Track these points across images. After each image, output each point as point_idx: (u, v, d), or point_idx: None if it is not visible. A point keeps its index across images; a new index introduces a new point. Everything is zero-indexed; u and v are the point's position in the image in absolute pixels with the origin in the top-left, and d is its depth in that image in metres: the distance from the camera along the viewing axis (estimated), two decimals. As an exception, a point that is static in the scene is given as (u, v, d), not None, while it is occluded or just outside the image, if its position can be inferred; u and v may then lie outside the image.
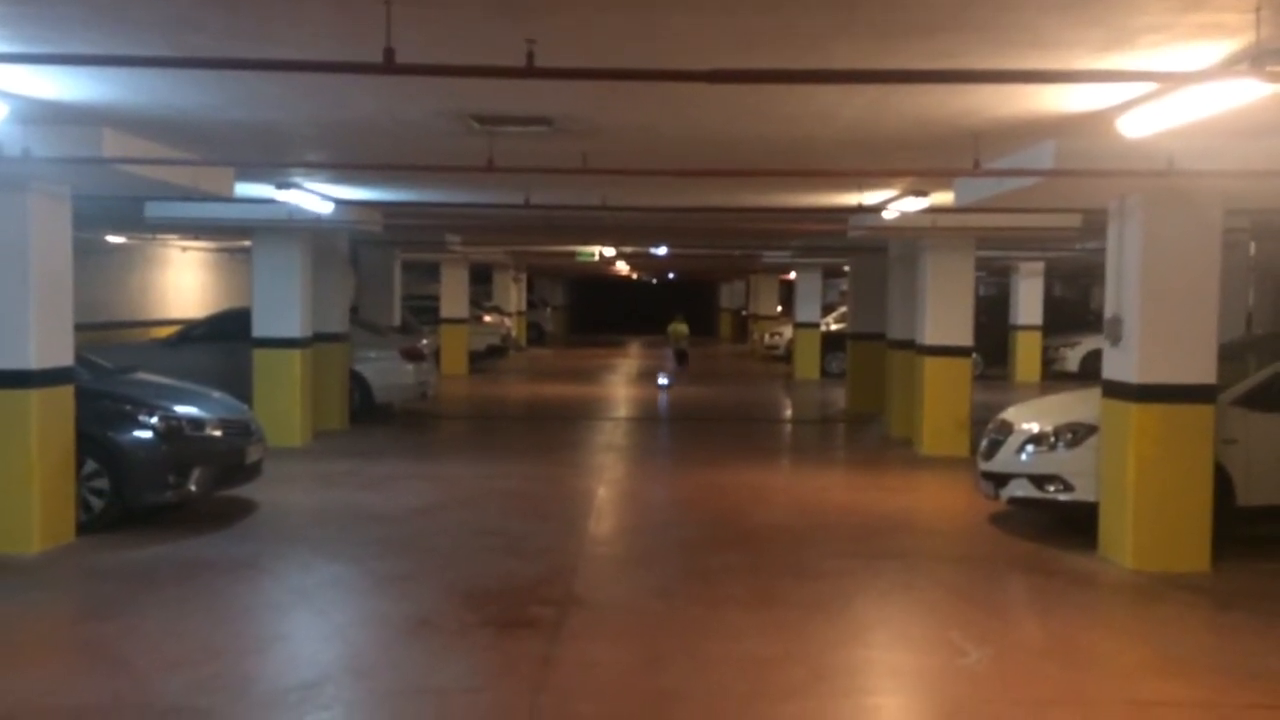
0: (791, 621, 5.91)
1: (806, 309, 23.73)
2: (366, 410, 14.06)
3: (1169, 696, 4.89)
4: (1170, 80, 4.30)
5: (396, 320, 17.87)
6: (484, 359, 24.78)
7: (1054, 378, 20.78)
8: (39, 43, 4.33)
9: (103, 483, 7.63)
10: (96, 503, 7.62)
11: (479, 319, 25.38)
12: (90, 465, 7.57)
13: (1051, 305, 23.31)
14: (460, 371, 22.19)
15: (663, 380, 19.48)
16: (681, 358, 23.41)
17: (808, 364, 23.02)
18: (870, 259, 15.98)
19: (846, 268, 18.28)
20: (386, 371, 14.43)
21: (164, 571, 6.73)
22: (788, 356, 24.93)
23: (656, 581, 6.92)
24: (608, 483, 10.36)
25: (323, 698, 4.75)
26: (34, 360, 7.00)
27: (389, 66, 3.51)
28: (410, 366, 14.61)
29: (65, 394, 7.33)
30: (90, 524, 7.53)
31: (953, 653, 5.48)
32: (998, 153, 6.68)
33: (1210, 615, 6.25)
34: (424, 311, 22.03)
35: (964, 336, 12.51)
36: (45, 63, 4.57)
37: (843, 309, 22.13)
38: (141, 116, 6.09)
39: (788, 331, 26.35)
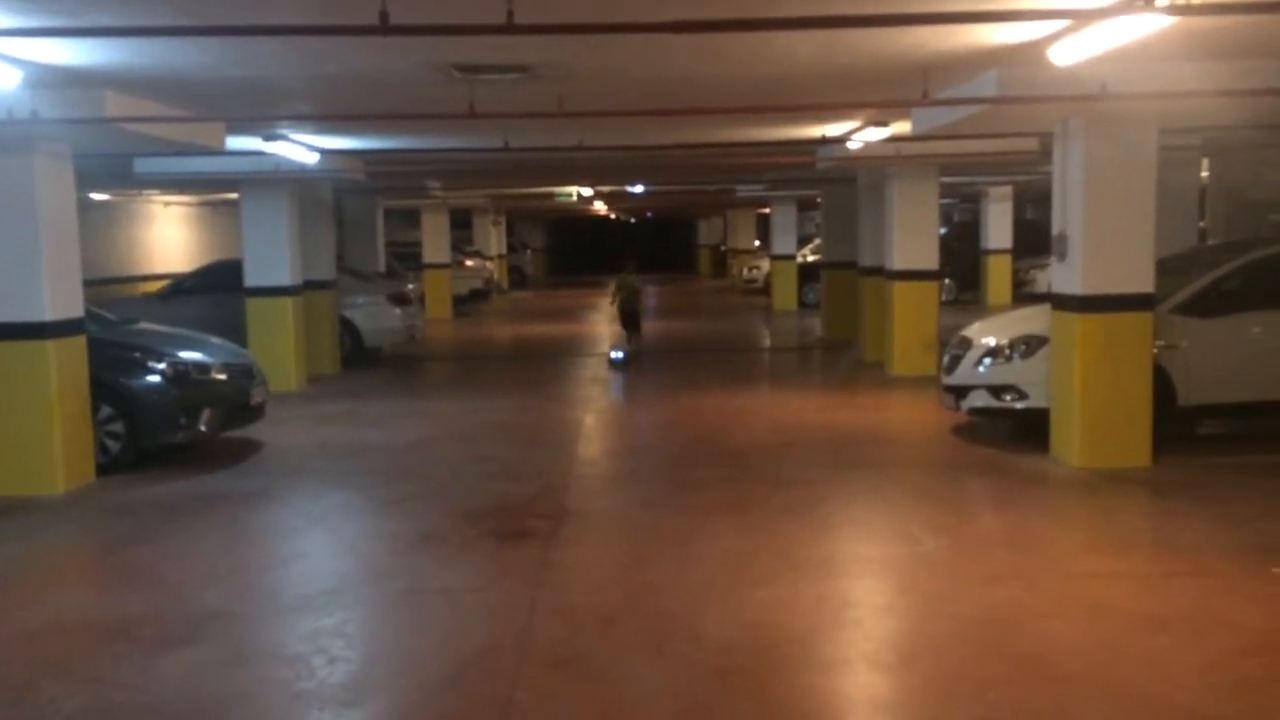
0: (766, 523, 6.47)
1: (782, 241, 24.31)
2: (357, 354, 14.53)
3: (1101, 569, 5.49)
4: (1077, 16, 4.74)
5: (381, 267, 18.26)
6: (467, 302, 25.21)
7: (1025, 300, 21.36)
8: (48, 15, 4.69)
9: (118, 426, 8.09)
10: (113, 445, 8.09)
11: (460, 264, 25.74)
12: (105, 410, 8.02)
13: (1023, 229, 23.80)
14: (445, 315, 22.62)
15: (616, 355, 14.36)
16: (631, 322, 15.93)
17: (785, 295, 23.62)
18: (841, 189, 16.44)
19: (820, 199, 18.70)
20: (375, 316, 14.87)
21: (184, 504, 7.24)
22: (766, 289, 25.47)
23: (642, 495, 7.49)
24: (594, 412, 10.89)
25: (344, 600, 5.29)
26: (49, 312, 7.42)
27: (384, 28, 3.91)
28: (398, 311, 15.06)
29: (79, 344, 7.76)
30: (109, 465, 8.00)
31: (910, 543, 6.07)
32: (947, 83, 7.12)
33: (1147, 503, 6.86)
34: (407, 258, 22.39)
35: (930, 261, 13.04)
36: (54, 35, 4.94)
37: (819, 241, 22.58)
38: (141, 77, 6.46)
39: (765, 265, 26.85)
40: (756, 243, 32.64)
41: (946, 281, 23.69)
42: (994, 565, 5.64)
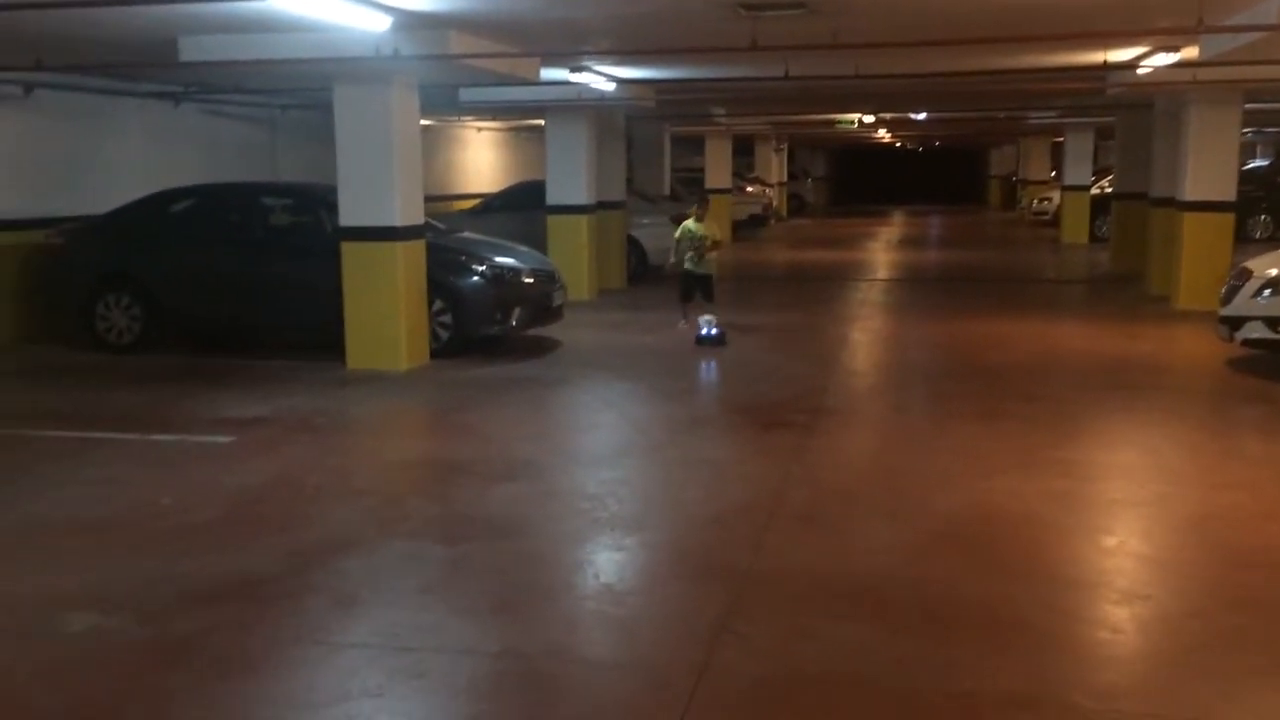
0: (1010, 429, 6.95)
1: (1076, 171, 23.34)
2: (641, 271, 15.76)
3: (1337, 486, 5.65)
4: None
5: (667, 190, 19.40)
6: (746, 228, 26.04)
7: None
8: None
9: (447, 318, 9.58)
10: (443, 334, 9.59)
11: (741, 189, 26.58)
12: (438, 304, 9.52)
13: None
14: (724, 239, 23.53)
15: (706, 330, 9.99)
16: (695, 288, 10.91)
17: (1076, 228, 22.72)
18: (1136, 117, 15.80)
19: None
20: (659, 236, 16.00)
21: (500, 383, 8.59)
22: (1056, 221, 24.60)
23: (896, 400, 8.13)
24: (860, 329, 11.49)
25: (629, 461, 6.36)
26: (398, 218, 8.92)
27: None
28: (680, 231, 16.11)
29: (419, 246, 9.26)
30: (439, 351, 9.50)
31: (1149, 453, 6.40)
32: (1229, 10, 7.09)
33: None
34: (691, 184, 23.51)
35: (1226, 192, 12.51)
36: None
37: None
38: (479, 19, 7.65)
39: (1056, 196, 25.88)
40: (1052, 173, 31.28)
41: (1263, 217, 22.07)
42: (1228, 475, 5.90)
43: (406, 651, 3.87)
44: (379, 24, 7.09)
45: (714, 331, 10.00)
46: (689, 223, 10.93)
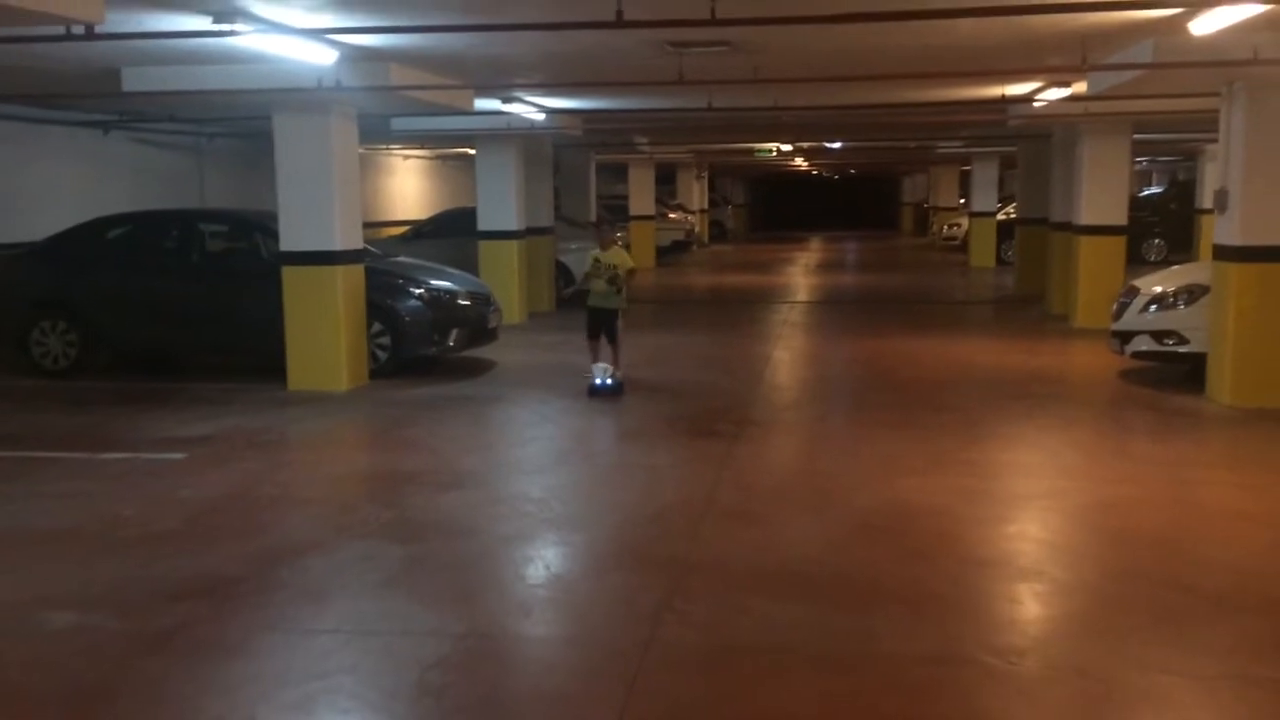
0: (923, 435, 7.49)
1: (982, 198, 24.45)
2: (570, 295, 16.15)
3: (1210, 479, 6.29)
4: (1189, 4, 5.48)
5: (593, 216, 19.86)
6: (669, 254, 26.64)
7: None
8: (376, 16, 6.26)
9: (386, 340, 9.86)
10: (382, 355, 9.87)
11: (664, 216, 27.19)
12: (376, 326, 9.79)
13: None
14: (648, 264, 24.09)
15: (599, 379, 8.99)
16: (604, 326, 9.24)
17: (983, 252, 23.81)
18: (1035, 146, 16.75)
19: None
20: (585, 261, 16.41)
21: (440, 401, 8.90)
22: (965, 246, 25.67)
23: (818, 411, 8.64)
24: (782, 348, 12.03)
25: (570, 469, 6.74)
26: (338, 243, 9.20)
27: (619, 23, 5.16)
28: (607, 256, 16.56)
29: (358, 270, 9.54)
30: (377, 372, 9.78)
31: (1048, 454, 6.98)
32: (1107, 50, 7.81)
33: (1281, 435, 7.47)
34: (614, 210, 24.02)
35: (1118, 216, 13.40)
36: (377, 32, 6.50)
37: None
38: (418, 54, 8.02)
39: (965, 222, 27.01)
40: (961, 200, 32.56)
41: (1156, 241, 23.38)
42: (1117, 472, 6.51)
43: (375, 635, 4.19)
44: (326, 58, 7.42)
45: (608, 382, 8.99)
46: (595, 252, 9.51)
